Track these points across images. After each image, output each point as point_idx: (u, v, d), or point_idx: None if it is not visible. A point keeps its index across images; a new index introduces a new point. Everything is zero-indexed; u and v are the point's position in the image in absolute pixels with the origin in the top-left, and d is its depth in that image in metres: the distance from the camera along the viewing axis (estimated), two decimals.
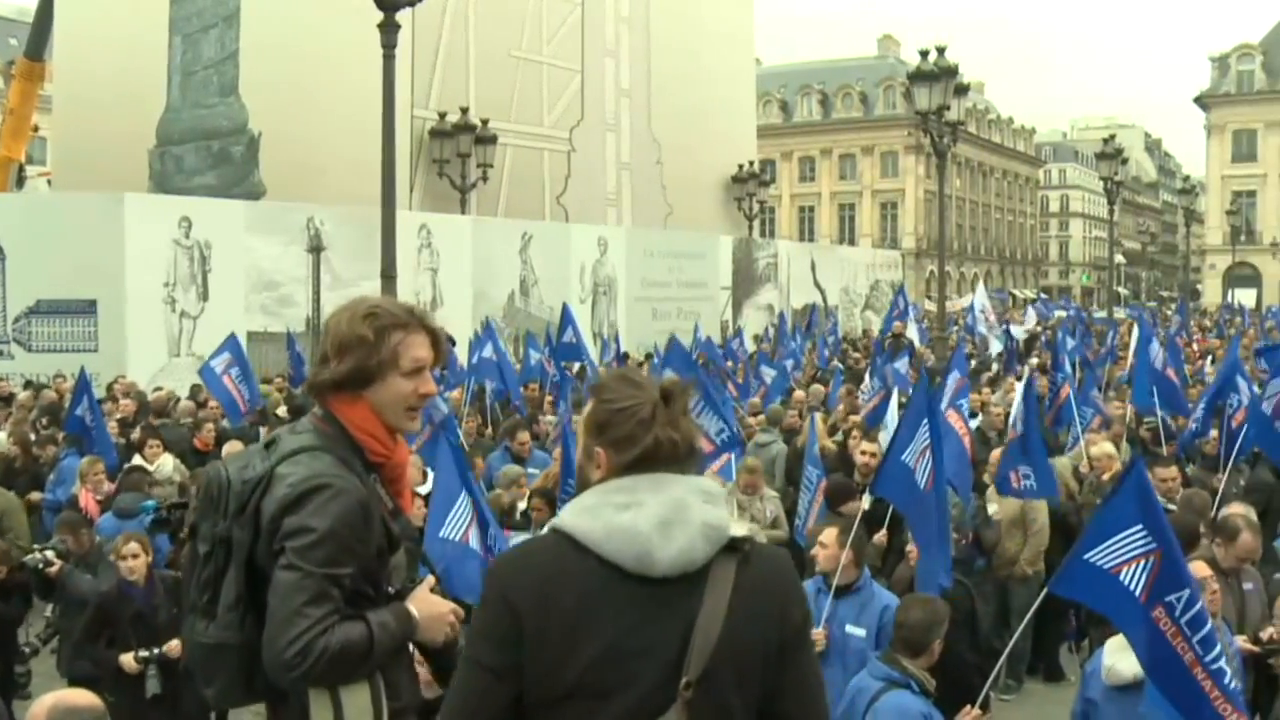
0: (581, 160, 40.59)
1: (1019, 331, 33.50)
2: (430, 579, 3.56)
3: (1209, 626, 5.16)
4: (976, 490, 11.13)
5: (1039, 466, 10.26)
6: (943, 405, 11.40)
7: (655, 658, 2.67)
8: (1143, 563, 5.29)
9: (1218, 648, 5.12)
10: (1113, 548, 5.38)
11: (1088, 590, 5.58)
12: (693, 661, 2.66)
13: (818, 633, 6.99)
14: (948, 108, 25.64)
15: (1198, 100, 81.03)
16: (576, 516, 2.78)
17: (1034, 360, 26.04)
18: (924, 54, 25.58)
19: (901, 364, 19.99)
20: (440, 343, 3.53)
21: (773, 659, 2.78)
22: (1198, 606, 5.17)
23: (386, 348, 3.36)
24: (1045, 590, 6.03)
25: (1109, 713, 5.99)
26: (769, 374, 20.71)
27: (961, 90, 27.26)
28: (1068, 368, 16.44)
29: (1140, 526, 5.33)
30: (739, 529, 2.82)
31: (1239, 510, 8.18)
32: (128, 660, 7.65)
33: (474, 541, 7.66)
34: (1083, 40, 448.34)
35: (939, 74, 25.26)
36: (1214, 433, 13.74)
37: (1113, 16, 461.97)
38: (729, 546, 2.77)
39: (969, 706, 5.91)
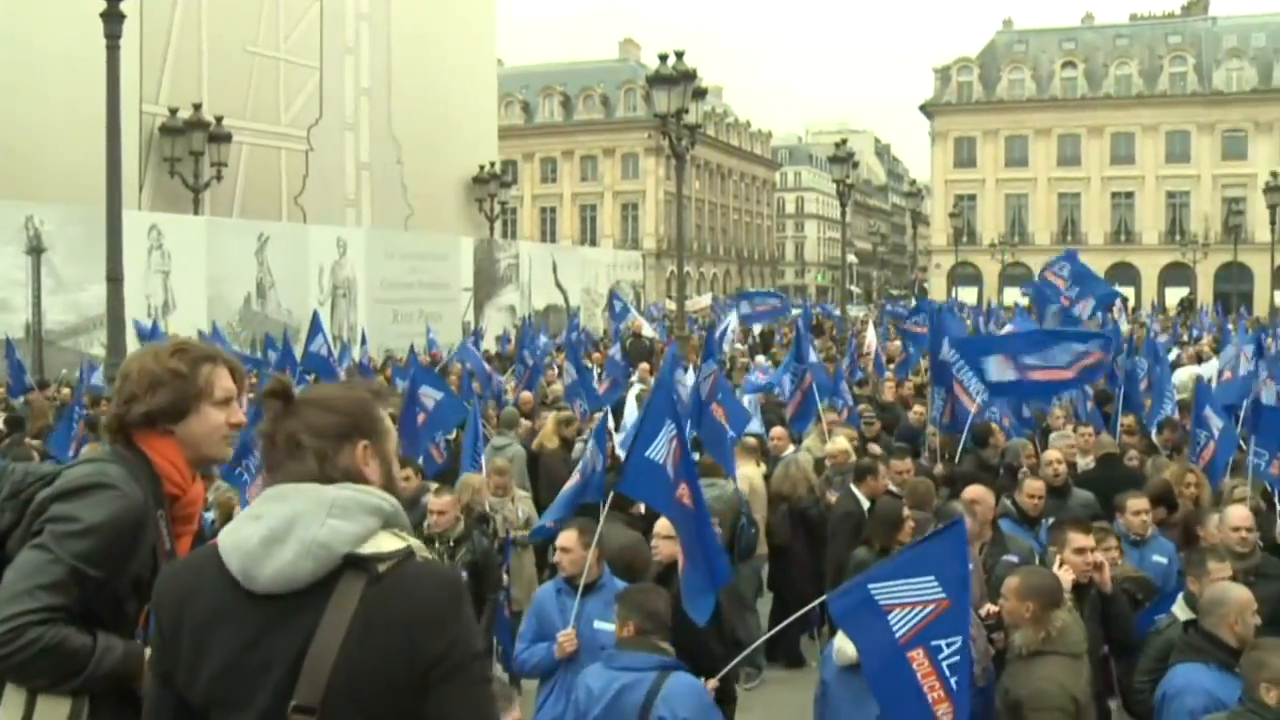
0: (320, 160, 39.88)
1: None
2: None
3: (966, 672, 5.48)
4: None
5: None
6: (704, 397, 11.71)
7: (270, 677, 2.61)
8: (920, 609, 5.54)
9: (966, 676, 5.47)
10: (898, 588, 5.61)
11: (853, 616, 5.80)
12: (303, 686, 2.58)
13: (567, 634, 7.03)
14: (686, 111, 26.10)
15: (923, 108, 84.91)
16: (228, 528, 2.79)
17: (761, 359, 26.79)
18: (663, 58, 25.98)
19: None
20: (240, 376, 3.64)
21: (406, 693, 2.62)
22: (963, 656, 5.46)
23: (200, 379, 3.47)
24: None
25: (838, 692, 6.28)
26: (529, 359, 20.89)
27: (700, 94, 27.78)
28: (813, 357, 16.82)
29: (932, 577, 5.57)
30: (385, 545, 2.68)
31: (969, 495, 8.55)
32: None
33: None
34: (818, 47, 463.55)
35: (678, 78, 25.70)
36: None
37: (845, 26, 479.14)
38: (357, 565, 2.65)
39: (706, 679, 6.12)
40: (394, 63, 42.84)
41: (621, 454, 12.59)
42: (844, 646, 6.17)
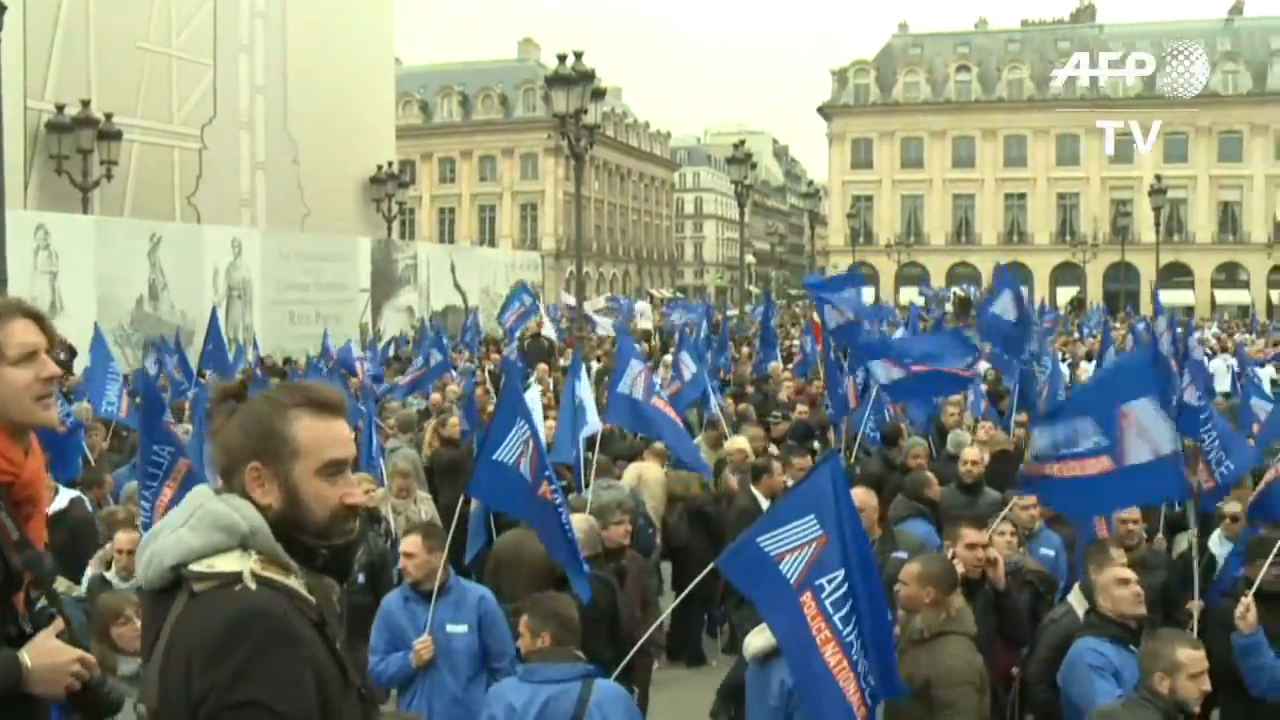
0: (214, 159, 39.24)
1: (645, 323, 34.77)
2: (58, 623, 3.19)
3: (850, 604, 5.49)
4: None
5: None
6: (640, 396, 11.70)
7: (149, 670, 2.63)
8: (805, 550, 5.58)
9: (852, 623, 5.49)
10: (781, 535, 5.65)
11: (747, 573, 5.84)
12: (147, 688, 2.58)
13: (423, 642, 6.91)
14: (585, 111, 26.13)
15: (820, 110, 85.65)
16: None
17: (666, 358, 26.91)
18: (562, 58, 25.98)
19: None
20: (46, 325, 3.36)
21: None
22: (846, 587, 5.49)
23: None
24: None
25: (752, 682, 6.53)
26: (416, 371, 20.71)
27: (599, 94, 27.81)
28: (691, 366, 16.96)
29: (811, 516, 5.62)
30: (219, 565, 2.55)
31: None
32: None
33: None
34: (716, 49, 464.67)
35: (577, 78, 25.72)
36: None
37: (744, 28, 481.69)
38: (183, 582, 2.56)
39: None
40: (290, 61, 42.27)
41: None
42: (751, 642, 6.35)
